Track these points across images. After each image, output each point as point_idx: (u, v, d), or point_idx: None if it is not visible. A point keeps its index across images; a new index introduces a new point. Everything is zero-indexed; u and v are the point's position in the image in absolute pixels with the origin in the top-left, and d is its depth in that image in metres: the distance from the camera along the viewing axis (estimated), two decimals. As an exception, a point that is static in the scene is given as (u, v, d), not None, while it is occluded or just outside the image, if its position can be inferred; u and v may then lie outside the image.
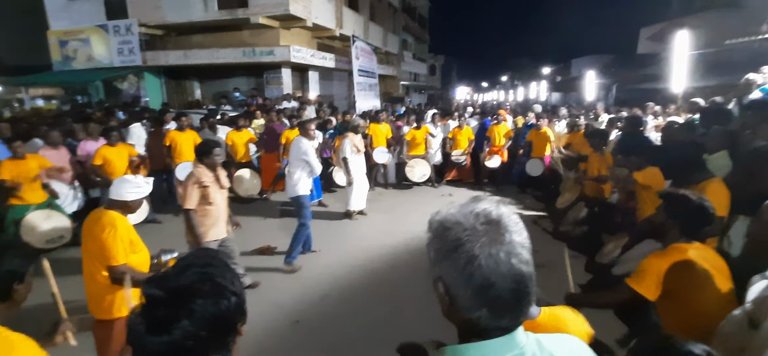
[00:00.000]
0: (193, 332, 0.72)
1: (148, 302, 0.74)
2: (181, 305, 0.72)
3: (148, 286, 0.75)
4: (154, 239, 5.26)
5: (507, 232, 0.69)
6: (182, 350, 0.72)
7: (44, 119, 8.83)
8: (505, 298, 0.67)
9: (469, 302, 0.69)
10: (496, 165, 7.79)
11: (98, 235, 2.28)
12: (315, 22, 13.50)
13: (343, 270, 4.51)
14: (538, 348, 0.74)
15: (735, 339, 1.37)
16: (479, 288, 0.67)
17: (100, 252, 2.29)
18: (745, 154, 3.05)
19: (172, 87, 14.94)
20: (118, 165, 5.39)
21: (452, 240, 0.69)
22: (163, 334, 0.71)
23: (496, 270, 0.67)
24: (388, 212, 6.67)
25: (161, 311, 0.72)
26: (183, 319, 0.72)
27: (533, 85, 28.88)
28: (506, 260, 0.67)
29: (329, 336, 3.33)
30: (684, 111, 6.34)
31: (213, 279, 0.77)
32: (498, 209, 0.72)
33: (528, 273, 0.69)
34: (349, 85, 17.10)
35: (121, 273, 2.28)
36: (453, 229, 0.70)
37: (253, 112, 8.70)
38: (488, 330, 0.70)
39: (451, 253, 0.69)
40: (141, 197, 2.44)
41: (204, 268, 0.78)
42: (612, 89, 17.65)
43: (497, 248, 0.67)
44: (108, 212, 2.36)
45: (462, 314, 0.70)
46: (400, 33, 24.86)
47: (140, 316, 0.73)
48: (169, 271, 0.78)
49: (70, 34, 13.83)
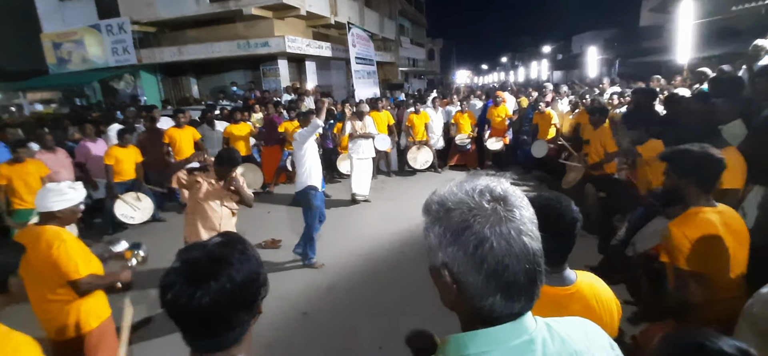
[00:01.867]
0: (226, 290, 0.81)
1: (187, 262, 0.83)
2: (217, 265, 0.83)
3: (187, 252, 0.86)
4: (157, 237, 5.29)
5: (515, 208, 0.63)
6: (215, 306, 0.80)
7: (44, 123, 8.79)
8: (520, 281, 0.62)
9: (481, 288, 0.62)
10: (498, 147, 7.69)
11: (46, 253, 2.05)
12: (309, 10, 13.29)
13: (349, 259, 4.47)
14: (549, 332, 0.68)
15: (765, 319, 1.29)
16: (493, 272, 0.61)
17: (54, 271, 2.08)
18: (757, 122, 2.96)
19: (169, 84, 14.82)
20: (127, 166, 5.41)
21: (458, 222, 0.63)
22: (202, 287, 0.79)
23: (510, 251, 0.61)
24: (392, 199, 6.62)
25: (200, 268, 0.82)
26: (220, 276, 0.81)
27: (534, 65, 28.58)
28: (518, 239, 0.61)
29: (338, 326, 3.31)
30: (690, 82, 6.19)
31: (241, 251, 0.88)
32: (501, 185, 0.66)
33: (540, 250, 0.64)
34: (347, 74, 16.93)
35: (86, 284, 2.13)
36: (457, 209, 0.64)
37: (251, 105, 8.61)
38: (500, 317, 0.64)
39: (459, 236, 0.62)
40: (69, 205, 2.19)
41: (233, 242, 0.89)
42: (615, 65, 17.39)
43: (508, 227, 0.61)
44: (46, 228, 2.14)
45: (473, 302, 0.64)
46: (397, 18, 24.49)
47: (178, 275, 0.81)
48: (204, 242, 0.89)
49: (64, 37, 13.71)
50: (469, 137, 7.81)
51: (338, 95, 15.20)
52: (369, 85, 14.89)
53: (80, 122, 6.48)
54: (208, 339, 0.85)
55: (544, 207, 1.14)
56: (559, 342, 0.67)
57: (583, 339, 0.71)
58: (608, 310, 1.19)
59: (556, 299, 1.15)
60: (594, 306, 1.16)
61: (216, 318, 0.83)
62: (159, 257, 4.77)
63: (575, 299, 1.16)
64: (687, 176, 1.64)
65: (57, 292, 2.14)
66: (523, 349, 0.64)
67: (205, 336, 0.85)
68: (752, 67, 4.41)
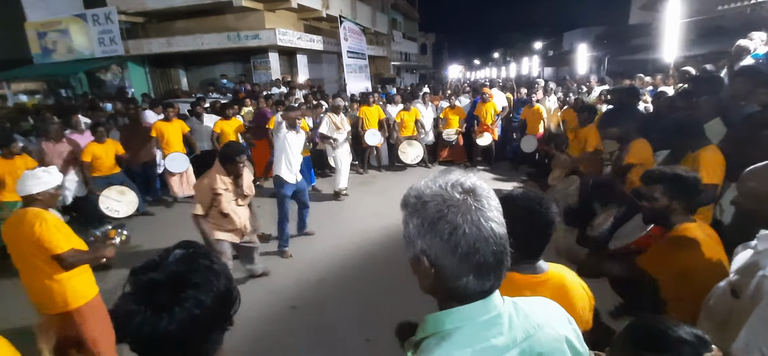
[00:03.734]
0: (194, 316, 0.74)
1: (148, 286, 0.74)
2: (181, 287, 0.75)
3: (144, 272, 0.76)
4: (147, 231, 5.25)
5: (483, 198, 0.72)
6: (182, 333, 0.73)
7: (28, 114, 8.61)
8: (489, 261, 0.70)
9: (456, 270, 0.71)
10: (487, 143, 7.75)
11: (30, 232, 2.22)
12: (300, 2, 13.17)
13: (339, 253, 4.50)
14: (514, 309, 0.77)
15: (719, 311, 1.38)
16: (465, 254, 0.69)
17: (38, 248, 2.24)
18: (737, 121, 3.05)
19: (158, 76, 14.59)
20: (106, 161, 5.33)
21: (434, 213, 0.71)
22: (167, 314, 0.72)
23: (479, 236, 0.69)
24: (382, 194, 6.64)
25: (163, 292, 0.74)
26: (186, 301, 0.74)
27: (525, 61, 28.70)
28: (486, 225, 0.70)
29: (327, 319, 3.34)
30: (674, 81, 6.30)
31: (207, 267, 0.80)
32: (470, 179, 0.74)
33: (505, 235, 0.73)
34: (338, 68, 16.83)
35: (71, 256, 2.29)
36: (432, 201, 0.72)
37: (242, 99, 8.53)
38: (475, 294, 0.73)
39: (434, 225, 0.70)
40: (47, 188, 2.36)
41: (196, 256, 0.81)
42: (604, 62, 17.58)
43: (477, 215, 0.70)
44: (28, 209, 2.31)
45: (448, 283, 0.72)
46: (389, 12, 24.39)
47: (138, 303, 0.73)
48: (159, 259, 0.79)
49: (48, 26, 13.38)
50: (456, 132, 7.85)
51: (329, 88, 15.12)
52: (361, 79, 14.83)
53: (66, 114, 6.36)
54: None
55: (526, 206, 1.25)
56: (523, 317, 0.77)
57: (543, 313, 0.82)
58: (579, 297, 1.28)
59: (527, 285, 1.25)
60: (563, 294, 1.25)
61: (184, 345, 0.76)
62: (149, 249, 4.76)
63: (546, 286, 1.25)
64: (678, 198, 1.77)
65: (44, 270, 2.29)
66: (492, 322, 0.74)
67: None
68: (734, 66, 4.52)
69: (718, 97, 3.31)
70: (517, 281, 1.26)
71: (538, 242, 1.26)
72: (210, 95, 10.36)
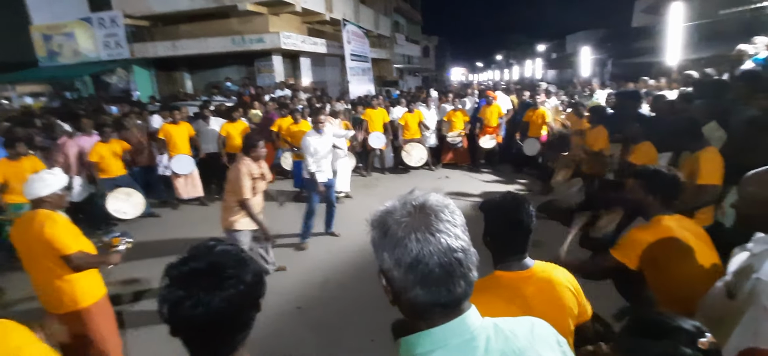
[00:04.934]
0: (240, 292, 0.83)
1: (193, 273, 0.82)
2: (221, 271, 0.82)
3: (183, 263, 0.83)
4: (154, 232, 5.32)
5: (432, 214, 0.73)
6: (231, 308, 0.82)
7: (34, 116, 8.70)
8: (434, 272, 0.70)
9: (403, 282, 0.72)
10: (491, 145, 7.79)
11: (40, 233, 2.26)
12: (304, 6, 13.27)
13: (342, 255, 4.54)
14: (494, 331, 0.76)
15: (714, 310, 1.42)
16: (408, 266, 0.70)
17: (48, 248, 2.28)
18: (738, 125, 3.08)
19: (163, 79, 14.72)
20: (112, 162, 5.41)
21: (384, 229, 0.74)
22: (216, 294, 0.80)
23: (423, 249, 0.70)
24: (385, 196, 6.49)
25: (209, 277, 0.81)
26: (230, 281, 0.82)
27: (528, 64, 28.76)
28: (432, 239, 0.70)
29: (331, 320, 3.39)
30: (677, 84, 6.33)
31: (237, 253, 0.88)
32: (426, 197, 0.76)
33: (457, 247, 0.72)
34: (342, 71, 16.92)
35: (78, 258, 2.33)
36: (385, 219, 0.75)
37: (247, 102, 8.59)
38: (429, 308, 0.73)
39: (383, 240, 0.74)
40: (53, 190, 2.39)
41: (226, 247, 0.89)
42: (607, 64, 17.60)
43: (422, 230, 0.71)
44: (37, 212, 2.34)
45: (401, 296, 0.74)
46: (392, 14, 24.50)
47: (185, 289, 0.80)
48: (194, 252, 0.86)
49: (54, 29, 13.54)
50: (460, 134, 7.90)
51: (333, 91, 15.20)
52: (364, 81, 14.91)
53: (72, 117, 6.45)
54: (219, 347, 0.85)
55: (500, 206, 1.37)
56: (502, 340, 0.75)
57: (527, 335, 0.79)
58: (564, 290, 1.33)
59: (511, 281, 1.31)
60: (548, 287, 1.31)
61: (231, 323, 0.84)
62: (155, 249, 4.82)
63: (530, 281, 1.31)
64: (655, 193, 1.90)
65: (54, 270, 2.33)
66: (465, 347, 0.72)
67: (217, 345, 0.85)
68: (735, 70, 4.54)
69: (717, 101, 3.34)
70: (503, 278, 1.33)
71: (518, 239, 1.34)
72: (214, 98, 10.46)
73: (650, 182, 1.92)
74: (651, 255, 1.77)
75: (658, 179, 1.91)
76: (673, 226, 1.80)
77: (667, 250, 1.75)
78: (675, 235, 1.77)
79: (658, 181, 1.90)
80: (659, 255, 1.75)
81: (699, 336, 0.88)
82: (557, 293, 1.31)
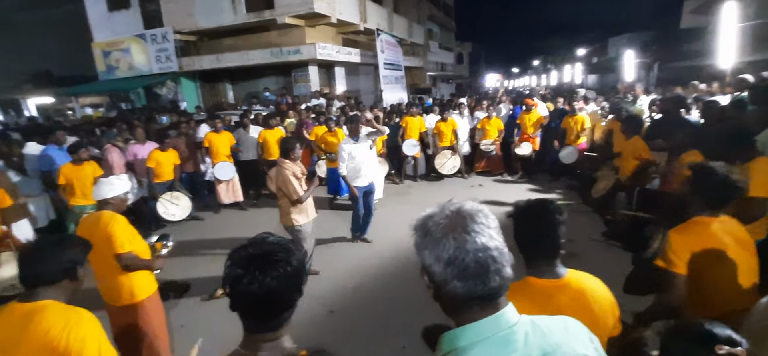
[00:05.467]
0: (288, 274, 0.99)
1: (251, 257, 0.99)
2: (275, 256, 1.00)
3: (243, 249, 1.01)
4: (197, 233, 5.64)
5: (467, 216, 0.82)
6: (280, 286, 0.98)
7: (94, 125, 9.49)
8: (471, 267, 0.79)
9: (442, 276, 0.81)
10: (527, 153, 7.61)
11: (104, 231, 2.47)
12: (339, 17, 13.61)
13: (376, 261, 4.61)
14: (532, 327, 0.82)
15: (760, 327, 1.34)
16: (447, 261, 0.80)
17: (108, 245, 2.47)
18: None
19: (207, 90, 15.57)
20: (167, 168, 5.82)
21: (425, 231, 0.84)
22: (270, 273, 0.97)
23: (460, 246, 0.79)
24: (418, 204, 6.70)
25: (264, 259, 0.99)
26: (280, 264, 0.99)
27: (567, 68, 27.79)
28: (468, 238, 0.79)
29: (363, 325, 3.44)
30: (731, 89, 5.92)
31: (284, 244, 1.05)
32: (464, 204, 0.86)
33: (492, 246, 0.80)
34: (375, 79, 17.13)
35: (128, 259, 2.51)
36: (426, 222, 0.85)
37: (284, 111, 8.93)
38: (467, 300, 0.80)
39: (424, 239, 0.84)
40: (118, 193, 2.64)
41: (273, 239, 1.06)
42: (653, 68, 16.71)
43: (459, 230, 0.80)
44: (103, 212, 2.58)
45: (441, 290, 0.82)
46: (425, 23, 24.55)
47: (246, 268, 0.97)
48: (251, 242, 1.04)
49: (112, 45, 14.71)
50: (493, 142, 7.79)
51: (366, 99, 15.43)
52: (397, 89, 15.03)
53: (128, 125, 6.98)
54: (269, 319, 1.03)
55: (531, 210, 1.36)
56: (539, 335, 0.81)
57: (562, 332, 0.85)
58: (599, 302, 1.29)
59: (545, 289, 1.29)
60: (582, 298, 1.27)
61: (279, 299, 1.01)
62: (198, 251, 5.08)
63: (564, 291, 1.28)
64: (699, 192, 1.74)
65: (116, 265, 2.53)
66: (505, 340, 0.79)
67: (267, 317, 1.03)
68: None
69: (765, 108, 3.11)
70: (536, 284, 1.31)
71: (546, 244, 1.32)
72: (254, 107, 10.94)
73: (696, 177, 1.76)
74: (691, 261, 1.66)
75: (703, 176, 1.74)
76: (715, 228, 1.68)
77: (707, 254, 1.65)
78: (715, 238, 1.65)
79: (703, 178, 1.73)
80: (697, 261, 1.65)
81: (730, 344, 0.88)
82: (591, 305, 1.27)
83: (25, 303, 1.57)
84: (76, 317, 1.55)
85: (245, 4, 12.81)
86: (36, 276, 1.62)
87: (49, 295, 1.60)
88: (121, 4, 14.40)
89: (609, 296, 1.34)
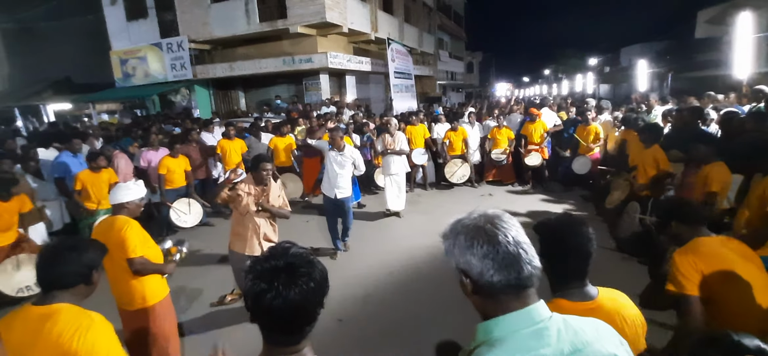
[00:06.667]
0: (311, 288, 0.97)
1: (273, 270, 0.96)
2: (296, 269, 0.97)
3: (266, 261, 0.98)
4: (208, 239, 5.69)
5: (494, 216, 0.90)
6: (303, 301, 0.96)
7: (110, 131, 9.69)
8: (507, 257, 0.84)
9: (479, 268, 0.86)
10: (536, 163, 7.54)
11: (118, 234, 2.50)
12: (351, 27, 13.77)
13: (384, 270, 4.59)
14: (564, 325, 0.85)
15: None
16: (483, 255, 0.85)
17: (121, 249, 2.50)
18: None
19: (220, 97, 15.84)
20: (178, 175, 5.90)
21: (456, 234, 0.91)
22: (293, 288, 0.94)
23: (492, 239, 0.85)
24: (427, 213, 6.67)
25: (287, 273, 0.96)
26: (303, 277, 0.97)
27: (579, 78, 27.58)
28: (499, 232, 0.86)
29: (372, 335, 3.42)
30: (747, 100, 5.80)
31: (307, 257, 1.02)
32: (492, 210, 0.92)
33: (521, 240, 0.87)
34: (385, 88, 17.24)
35: (139, 263, 2.54)
36: (455, 227, 0.92)
37: (295, 118, 9.02)
38: (504, 289, 0.85)
39: (456, 241, 0.90)
40: (134, 198, 2.70)
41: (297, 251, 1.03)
42: (667, 78, 16.48)
43: (489, 227, 0.87)
44: (117, 217, 2.62)
45: (479, 282, 0.86)
46: (436, 32, 24.68)
47: (269, 282, 0.94)
48: (273, 253, 1.01)
49: (130, 53, 15.09)
50: (504, 152, 7.73)
51: (376, 107, 15.51)
52: (407, 98, 15.08)
53: (144, 132, 7.12)
54: (291, 334, 1.00)
55: (556, 228, 1.29)
56: (572, 332, 0.84)
57: (593, 332, 0.88)
58: (631, 325, 1.24)
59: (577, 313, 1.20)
60: (615, 321, 1.21)
61: (302, 314, 0.98)
62: (208, 257, 5.13)
63: (596, 313, 1.20)
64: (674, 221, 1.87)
65: (128, 270, 2.57)
66: (539, 333, 0.82)
67: (290, 331, 1.00)
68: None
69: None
70: (566, 308, 1.23)
71: (578, 264, 1.26)
72: (265, 115, 11.07)
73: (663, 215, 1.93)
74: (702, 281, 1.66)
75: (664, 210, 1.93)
76: (715, 245, 1.71)
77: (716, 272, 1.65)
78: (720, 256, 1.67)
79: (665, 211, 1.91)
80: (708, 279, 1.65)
81: None
82: (625, 328, 1.22)
83: (40, 305, 1.59)
84: (87, 321, 1.56)
85: (259, 14, 13.05)
86: (53, 279, 1.64)
87: (64, 298, 1.61)
88: (139, 14, 14.79)
89: (638, 314, 1.29)
